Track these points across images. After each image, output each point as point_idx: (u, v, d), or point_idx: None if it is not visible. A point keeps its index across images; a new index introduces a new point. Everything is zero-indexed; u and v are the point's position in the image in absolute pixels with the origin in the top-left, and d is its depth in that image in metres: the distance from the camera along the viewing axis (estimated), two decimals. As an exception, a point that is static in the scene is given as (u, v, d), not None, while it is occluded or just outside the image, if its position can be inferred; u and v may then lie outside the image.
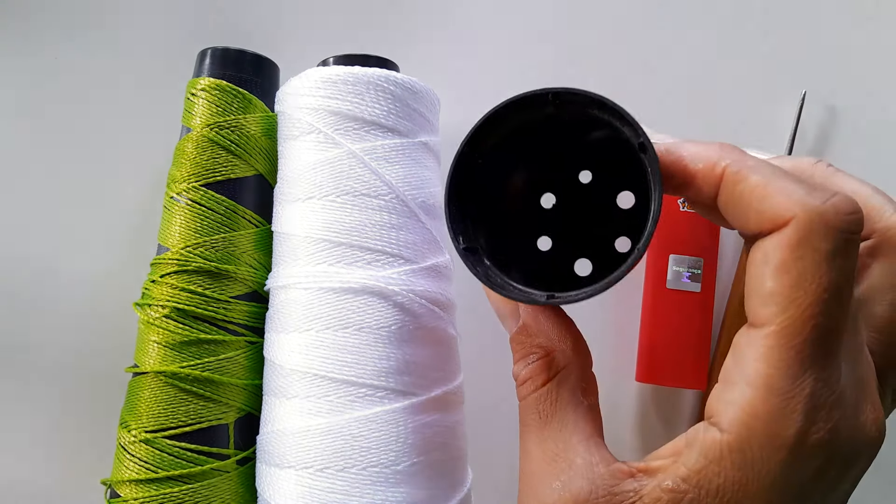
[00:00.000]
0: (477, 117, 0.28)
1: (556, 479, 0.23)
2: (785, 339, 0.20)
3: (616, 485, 0.22)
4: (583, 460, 0.23)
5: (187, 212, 0.31)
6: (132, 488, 0.29)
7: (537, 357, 0.25)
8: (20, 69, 0.39)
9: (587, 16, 0.40)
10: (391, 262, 0.29)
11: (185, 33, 0.39)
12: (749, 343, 0.21)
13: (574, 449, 0.23)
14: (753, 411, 0.20)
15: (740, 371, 0.21)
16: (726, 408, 0.21)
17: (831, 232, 0.20)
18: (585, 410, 0.24)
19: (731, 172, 0.22)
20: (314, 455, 0.28)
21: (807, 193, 0.20)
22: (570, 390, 0.24)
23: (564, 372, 0.25)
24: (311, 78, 0.30)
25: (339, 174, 0.29)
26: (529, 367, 0.25)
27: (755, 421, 0.20)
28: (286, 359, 0.29)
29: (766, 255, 0.20)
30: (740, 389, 0.21)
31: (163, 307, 0.31)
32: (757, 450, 0.20)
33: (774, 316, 0.20)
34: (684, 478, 0.21)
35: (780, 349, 0.20)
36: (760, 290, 0.21)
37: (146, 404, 0.30)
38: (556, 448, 0.24)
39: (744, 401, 0.20)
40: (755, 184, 0.21)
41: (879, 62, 0.40)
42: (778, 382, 0.20)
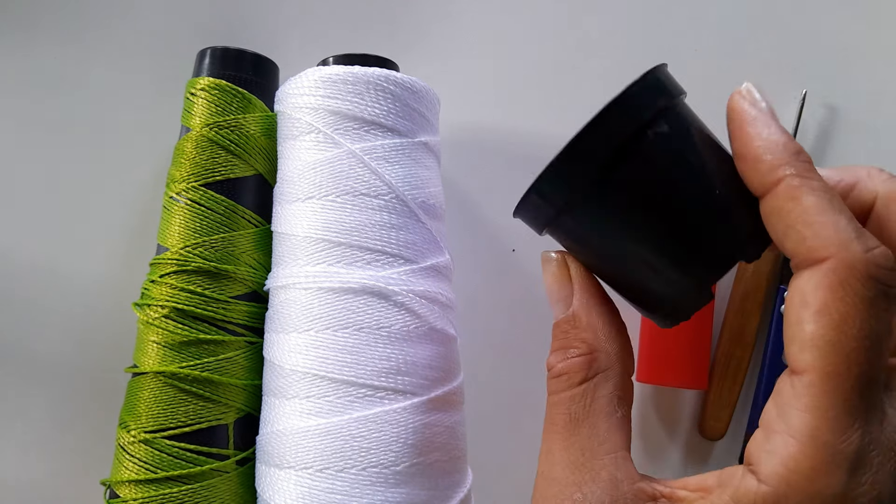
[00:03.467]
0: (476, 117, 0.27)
1: (577, 490, 0.22)
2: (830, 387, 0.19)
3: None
4: (608, 475, 0.22)
5: (187, 212, 0.31)
6: (131, 489, 0.29)
7: (579, 352, 0.24)
8: (20, 69, 0.39)
9: (587, 16, 0.40)
10: (391, 262, 0.29)
11: (185, 33, 0.39)
12: (792, 391, 0.20)
13: (601, 461, 0.22)
14: (795, 465, 0.19)
15: (783, 420, 0.20)
16: (767, 458, 0.20)
17: (871, 281, 0.19)
18: (618, 421, 0.23)
19: (790, 185, 0.20)
20: (314, 455, 0.28)
21: (855, 237, 0.19)
22: (607, 397, 0.23)
23: (604, 375, 0.23)
24: (310, 77, 0.30)
25: (338, 174, 0.29)
26: (568, 362, 0.24)
27: (796, 476, 0.19)
28: (286, 359, 0.29)
29: (804, 297, 0.20)
30: (783, 440, 0.20)
31: (162, 307, 0.31)
32: None
33: (816, 361, 0.19)
34: None
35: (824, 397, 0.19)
36: (800, 334, 0.20)
37: (145, 405, 0.30)
38: (583, 457, 0.22)
39: (786, 453, 0.19)
40: (808, 206, 0.20)
41: (880, 62, 0.40)
42: (823, 435, 0.19)
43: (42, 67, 0.39)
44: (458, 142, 0.38)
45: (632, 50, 0.40)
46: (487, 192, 0.39)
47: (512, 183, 0.32)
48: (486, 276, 0.38)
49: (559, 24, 0.40)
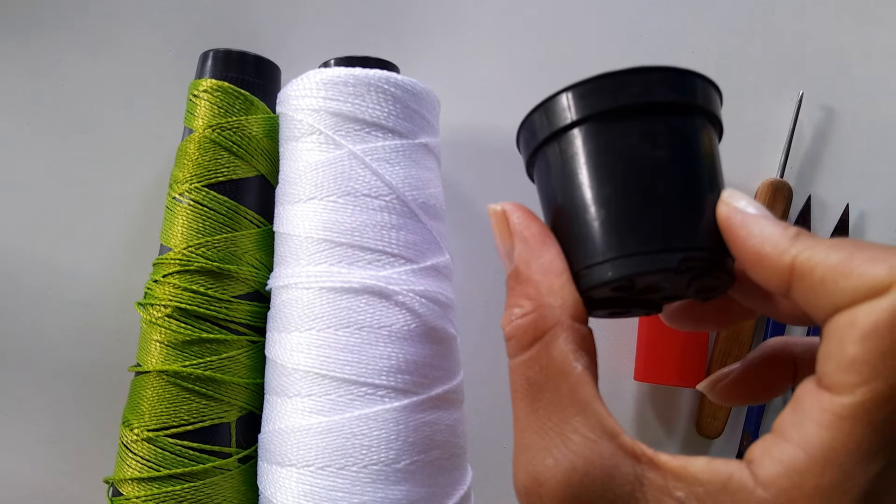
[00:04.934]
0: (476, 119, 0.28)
1: (549, 456, 0.21)
2: (864, 413, 0.18)
3: (617, 466, 0.20)
4: (579, 437, 0.21)
5: (189, 212, 0.32)
6: (134, 486, 0.30)
7: (523, 311, 0.22)
8: (24, 72, 0.39)
9: (586, 18, 0.40)
10: (392, 262, 0.29)
11: (188, 35, 0.39)
12: (817, 405, 0.19)
13: (569, 422, 0.21)
14: (800, 480, 0.18)
15: (799, 431, 0.19)
16: (771, 464, 0.19)
17: None
18: (581, 374, 0.21)
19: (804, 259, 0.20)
20: (315, 453, 0.28)
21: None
22: (561, 353, 0.21)
23: (554, 331, 0.22)
24: (312, 79, 0.30)
25: (340, 175, 0.30)
26: (514, 324, 0.22)
27: (798, 492, 0.18)
28: (287, 358, 0.29)
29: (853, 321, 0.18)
30: (793, 451, 0.19)
31: (165, 307, 0.31)
32: None
33: (855, 386, 0.18)
34: (700, 500, 0.19)
35: (854, 423, 0.18)
36: (841, 354, 0.18)
37: (149, 403, 0.30)
38: (550, 421, 0.21)
39: (793, 465, 0.18)
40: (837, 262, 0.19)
41: (876, 64, 0.40)
42: (839, 458, 0.18)
43: (45, 69, 0.39)
44: (458, 142, 0.38)
45: (631, 51, 0.40)
46: (487, 192, 0.39)
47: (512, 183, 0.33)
48: (486, 275, 0.39)
49: (559, 26, 0.40)
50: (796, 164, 0.40)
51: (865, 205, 0.39)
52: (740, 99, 0.40)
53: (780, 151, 0.39)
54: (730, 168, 0.23)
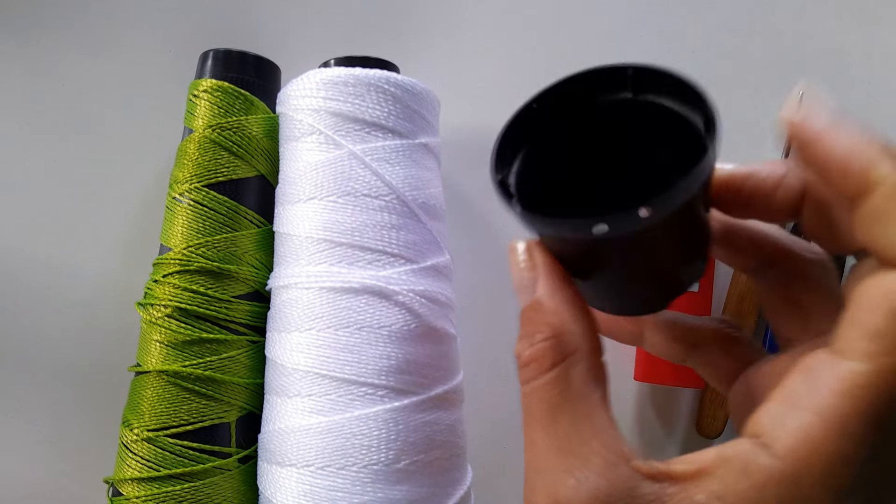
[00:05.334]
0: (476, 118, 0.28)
1: (570, 476, 0.21)
2: (882, 381, 0.18)
3: (636, 487, 0.20)
4: (600, 459, 0.21)
5: (189, 212, 0.32)
6: (134, 486, 0.30)
7: (544, 336, 0.23)
8: (24, 72, 0.39)
9: (586, 18, 0.40)
10: (392, 262, 0.29)
11: (188, 35, 0.39)
12: (832, 372, 0.19)
13: (588, 445, 0.21)
14: (816, 447, 0.18)
15: (812, 399, 0.19)
16: (785, 434, 0.19)
17: None
18: (598, 400, 0.22)
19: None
20: (315, 453, 0.28)
21: None
22: (581, 378, 0.22)
23: (574, 357, 0.22)
24: (312, 79, 0.30)
25: (340, 175, 0.30)
26: (535, 348, 0.23)
27: (816, 457, 0.18)
28: (287, 358, 0.29)
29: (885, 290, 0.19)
30: (808, 419, 0.19)
31: (165, 307, 0.31)
32: (807, 488, 0.18)
33: (877, 355, 0.18)
34: (719, 495, 0.19)
35: (870, 391, 0.18)
36: (868, 322, 0.18)
37: (148, 403, 0.30)
38: (569, 443, 0.22)
39: (809, 433, 0.19)
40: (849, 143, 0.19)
41: (876, 64, 0.40)
42: (854, 425, 0.18)
43: (45, 69, 0.39)
44: (458, 142, 0.38)
45: (631, 51, 0.40)
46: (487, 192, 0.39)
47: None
48: (486, 276, 0.39)
49: (559, 26, 0.40)
50: (796, 164, 0.40)
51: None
52: (740, 99, 0.40)
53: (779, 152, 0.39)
54: None
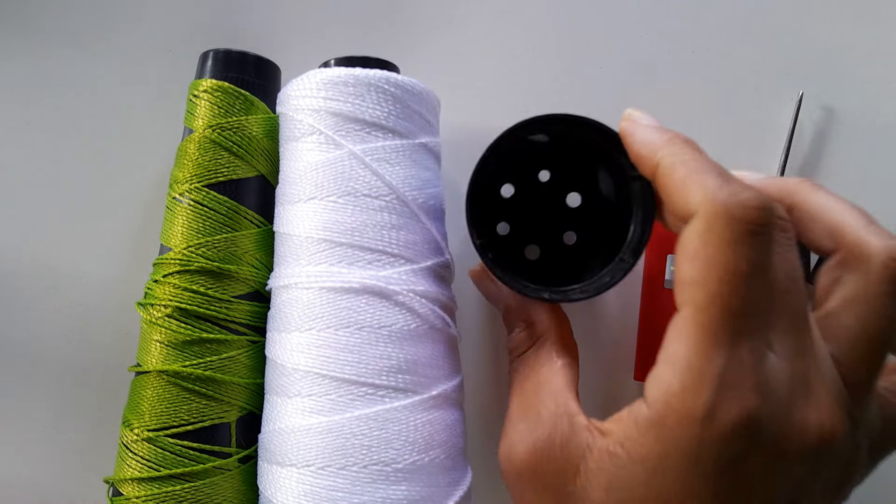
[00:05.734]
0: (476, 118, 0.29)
1: (522, 424, 0.26)
2: (696, 318, 0.21)
3: (575, 435, 0.24)
4: (548, 411, 0.26)
5: (189, 212, 0.32)
6: (134, 486, 0.30)
7: (521, 329, 0.30)
8: (22, 70, 0.39)
9: (586, 18, 0.40)
10: (392, 263, 0.29)
11: (188, 35, 0.39)
12: (672, 326, 0.23)
13: (542, 401, 0.26)
14: (668, 388, 0.22)
15: (664, 351, 0.23)
16: (652, 384, 0.23)
17: (734, 221, 0.21)
18: (559, 368, 0.27)
19: (665, 164, 0.24)
20: (315, 453, 0.28)
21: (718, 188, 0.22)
22: (546, 353, 0.28)
23: (542, 339, 0.29)
24: (312, 80, 0.30)
25: (340, 175, 0.30)
26: (515, 338, 0.30)
27: (670, 397, 0.22)
28: (288, 358, 0.29)
29: (683, 245, 0.22)
30: (661, 368, 0.22)
31: (165, 307, 0.31)
32: (672, 424, 0.21)
33: (688, 299, 0.22)
34: (621, 443, 0.23)
35: (693, 327, 0.21)
36: (680, 276, 0.22)
37: (149, 403, 0.30)
38: (529, 400, 0.27)
39: (664, 378, 0.22)
40: (679, 176, 0.23)
41: (876, 63, 0.40)
42: (690, 359, 0.21)
43: (45, 69, 0.39)
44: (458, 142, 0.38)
45: (630, 51, 0.40)
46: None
47: (511, 184, 0.33)
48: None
49: (559, 26, 0.40)
50: (796, 164, 0.40)
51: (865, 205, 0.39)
52: (740, 99, 0.40)
53: (779, 151, 0.39)
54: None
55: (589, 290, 0.28)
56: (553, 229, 0.35)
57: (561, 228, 0.35)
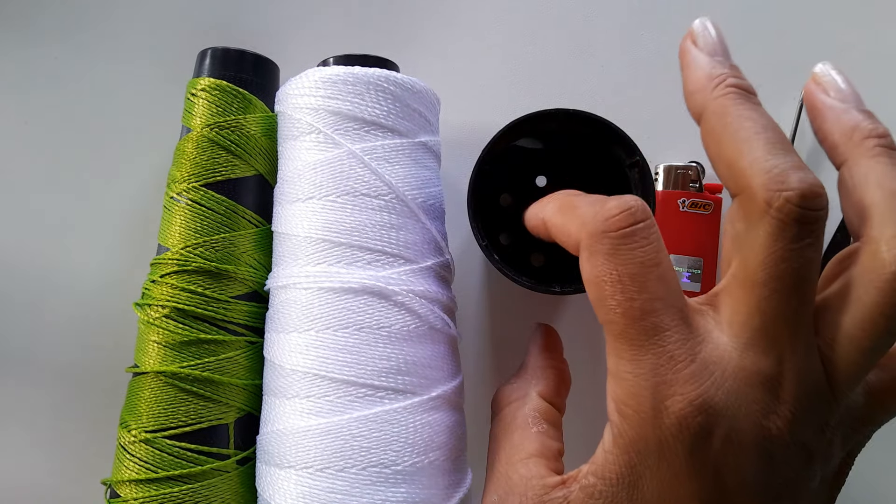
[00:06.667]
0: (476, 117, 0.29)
1: (494, 493, 0.26)
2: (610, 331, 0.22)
3: (546, 495, 0.24)
4: (518, 477, 0.25)
5: (187, 212, 0.32)
6: (132, 488, 0.29)
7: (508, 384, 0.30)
8: (20, 69, 0.39)
9: (587, 16, 0.40)
10: (391, 262, 0.29)
11: (186, 33, 0.39)
12: None
13: (513, 467, 0.26)
14: (618, 398, 0.22)
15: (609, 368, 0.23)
16: (608, 402, 0.23)
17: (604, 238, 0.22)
18: (533, 434, 0.27)
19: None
20: (314, 455, 0.28)
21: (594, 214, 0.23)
22: (523, 416, 0.28)
23: (522, 400, 0.28)
24: (310, 78, 0.30)
25: (339, 174, 0.29)
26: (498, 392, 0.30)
27: (621, 406, 0.22)
28: (286, 359, 0.29)
29: None
30: (608, 384, 0.23)
31: (163, 307, 0.31)
32: (631, 433, 0.22)
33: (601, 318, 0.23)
34: (593, 472, 0.23)
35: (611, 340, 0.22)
36: None
37: (146, 404, 0.30)
38: (501, 466, 0.26)
39: (612, 393, 0.22)
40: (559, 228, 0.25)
41: (878, 63, 0.40)
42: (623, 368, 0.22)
43: (42, 67, 0.39)
44: (458, 141, 0.38)
45: (630, 50, 0.40)
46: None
47: (512, 183, 0.33)
48: (486, 276, 0.39)
49: (560, 25, 0.40)
50: (798, 163, 0.39)
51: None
52: (742, 98, 0.40)
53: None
54: None
55: None
56: None
57: None
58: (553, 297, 0.36)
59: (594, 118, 0.29)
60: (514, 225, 0.35)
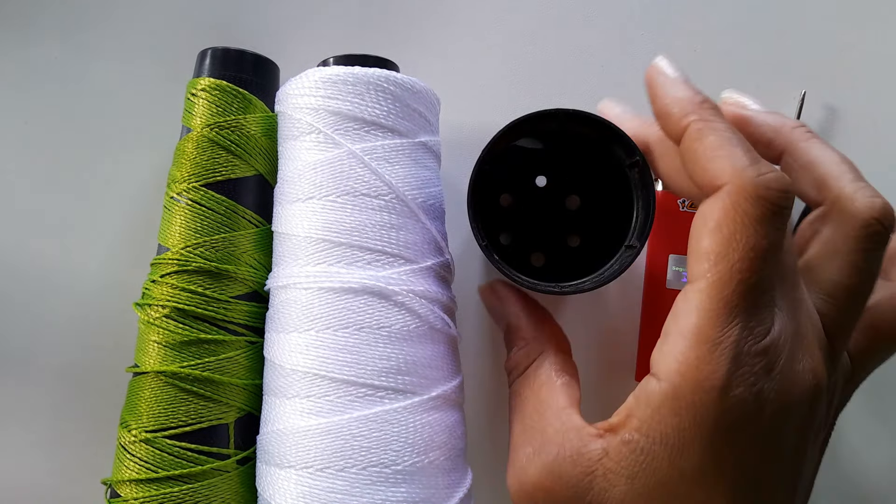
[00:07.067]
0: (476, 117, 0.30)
1: (528, 446, 0.26)
2: (715, 291, 0.22)
3: (585, 445, 0.24)
4: (553, 429, 0.25)
5: (187, 212, 0.32)
6: (132, 488, 0.29)
7: (518, 348, 0.30)
8: (20, 69, 0.39)
9: (588, 16, 0.40)
10: (391, 262, 0.29)
11: (186, 33, 0.39)
12: (684, 298, 0.23)
13: (546, 420, 0.26)
14: (685, 359, 0.22)
15: (675, 324, 0.23)
16: (663, 358, 0.22)
17: (760, 201, 0.22)
18: (558, 387, 0.27)
19: (694, 129, 0.24)
20: (314, 455, 0.28)
21: (748, 164, 0.22)
22: (546, 372, 0.28)
23: (540, 358, 0.29)
24: (311, 78, 0.30)
25: (339, 174, 0.29)
26: (514, 357, 0.30)
27: (686, 368, 0.22)
28: (286, 358, 0.29)
29: (704, 217, 0.22)
30: (673, 340, 0.22)
31: (163, 307, 0.31)
32: (689, 395, 0.22)
33: (706, 271, 0.22)
34: (637, 428, 0.23)
35: (709, 300, 0.22)
36: (697, 248, 0.22)
37: (146, 404, 0.30)
38: (531, 421, 0.26)
39: (676, 350, 0.22)
40: (708, 144, 0.23)
41: (879, 62, 0.40)
42: (706, 331, 0.21)
43: (42, 67, 0.39)
44: (458, 141, 0.38)
45: (631, 50, 0.40)
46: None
47: (512, 183, 0.33)
48: (486, 276, 0.39)
49: (560, 24, 0.40)
50: (799, 163, 0.39)
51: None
52: (742, 98, 0.40)
53: (782, 150, 0.39)
54: None
55: (600, 279, 0.29)
56: (555, 234, 0.35)
57: (563, 232, 0.35)
58: (553, 296, 0.36)
59: (594, 118, 0.29)
60: (514, 225, 0.35)
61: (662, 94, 0.25)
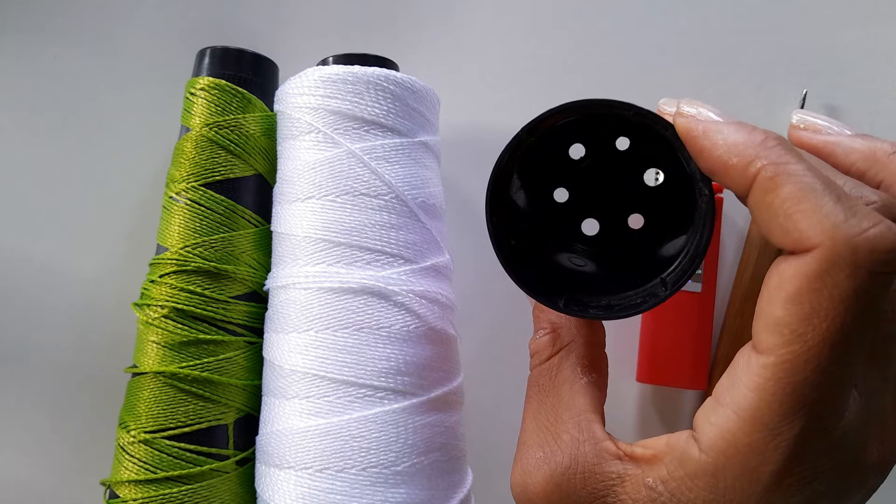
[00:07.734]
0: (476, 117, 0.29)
1: (540, 450, 0.23)
2: (783, 374, 0.18)
3: (599, 464, 0.22)
4: (569, 436, 0.23)
5: (186, 212, 0.31)
6: (131, 489, 0.29)
7: (545, 332, 0.26)
8: (19, 68, 0.39)
9: (587, 16, 0.40)
10: (391, 262, 0.29)
11: (185, 32, 0.39)
12: (747, 368, 0.19)
13: (563, 424, 0.23)
14: (734, 440, 0.19)
15: (731, 394, 0.20)
16: (709, 428, 0.20)
17: (859, 270, 0.17)
18: (583, 387, 0.24)
19: (765, 178, 0.19)
20: (313, 455, 0.27)
21: (843, 220, 0.17)
22: (571, 366, 0.25)
23: (567, 348, 0.25)
24: (310, 77, 0.30)
25: (338, 174, 0.29)
26: (537, 342, 0.26)
27: (733, 451, 0.19)
28: (285, 359, 0.29)
29: (781, 280, 0.19)
30: (726, 414, 0.20)
31: (162, 307, 0.31)
32: (730, 480, 0.19)
33: (777, 347, 0.18)
34: (663, 480, 0.21)
35: (775, 384, 0.18)
36: (769, 315, 0.19)
37: (145, 405, 0.30)
38: (547, 421, 0.24)
39: (726, 427, 0.19)
40: (786, 196, 0.18)
41: (880, 62, 0.40)
42: (766, 417, 0.19)
43: (41, 67, 0.39)
44: (458, 142, 0.38)
45: (631, 50, 0.40)
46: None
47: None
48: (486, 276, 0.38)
49: (560, 24, 0.40)
50: (800, 163, 0.39)
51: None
52: (743, 97, 0.39)
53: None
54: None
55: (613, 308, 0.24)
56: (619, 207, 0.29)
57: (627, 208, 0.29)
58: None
59: None
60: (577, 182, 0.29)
61: (711, 144, 0.20)
